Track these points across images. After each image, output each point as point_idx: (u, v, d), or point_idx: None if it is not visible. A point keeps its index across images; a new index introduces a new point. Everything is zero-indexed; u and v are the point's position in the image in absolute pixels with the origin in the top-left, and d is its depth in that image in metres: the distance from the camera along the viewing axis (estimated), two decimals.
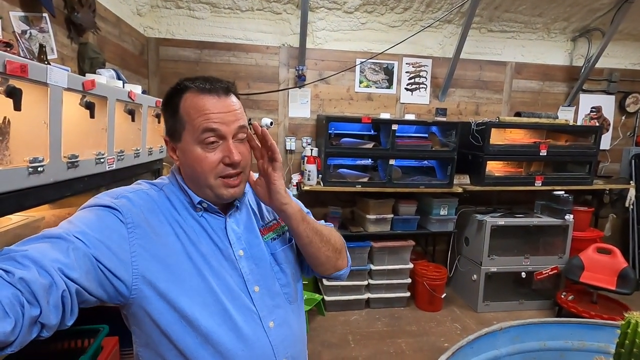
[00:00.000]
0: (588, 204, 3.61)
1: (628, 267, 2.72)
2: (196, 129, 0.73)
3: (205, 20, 2.99)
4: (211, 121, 0.73)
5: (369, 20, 3.17)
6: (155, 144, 1.88)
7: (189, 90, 0.76)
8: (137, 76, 2.76)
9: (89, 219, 0.68)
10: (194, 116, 0.74)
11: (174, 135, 0.78)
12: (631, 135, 3.81)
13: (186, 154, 0.76)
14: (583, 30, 3.42)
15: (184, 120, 0.75)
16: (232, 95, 0.78)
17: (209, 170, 0.74)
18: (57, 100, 0.98)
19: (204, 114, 0.73)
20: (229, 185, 0.77)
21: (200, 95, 0.75)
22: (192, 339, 0.72)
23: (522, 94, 3.59)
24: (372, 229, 2.98)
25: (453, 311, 3.06)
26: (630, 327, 0.77)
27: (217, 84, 0.77)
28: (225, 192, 0.77)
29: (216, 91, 0.76)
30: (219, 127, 0.74)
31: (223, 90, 0.77)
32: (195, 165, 0.75)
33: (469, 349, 0.89)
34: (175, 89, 0.78)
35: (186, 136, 0.75)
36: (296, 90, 3.18)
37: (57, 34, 1.68)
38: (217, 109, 0.74)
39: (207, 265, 0.75)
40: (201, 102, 0.74)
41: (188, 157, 0.76)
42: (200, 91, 0.75)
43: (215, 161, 0.74)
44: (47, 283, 0.55)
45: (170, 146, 0.80)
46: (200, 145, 0.74)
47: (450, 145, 2.99)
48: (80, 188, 1.15)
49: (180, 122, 0.76)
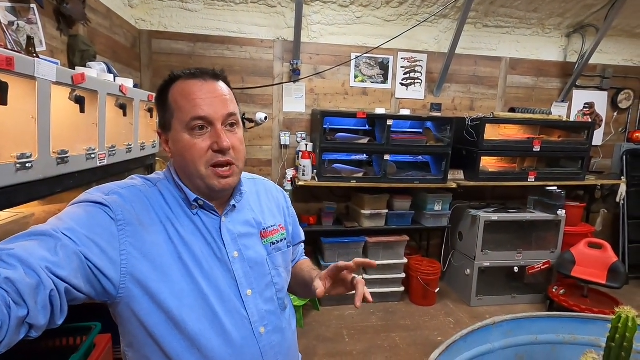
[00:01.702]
0: (580, 199, 3.65)
1: (618, 262, 2.77)
2: (184, 115, 0.72)
3: (198, 13, 2.95)
4: (198, 107, 0.72)
5: (365, 14, 3.14)
6: (148, 139, 1.85)
7: (179, 79, 0.75)
8: (130, 69, 2.71)
9: (78, 215, 0.66)
10: (181, 103, 0.73)
11: (165, 126, 0.77)
12: (623, 131, 3.85)
13: (176, 143, 0.75)
14: (577, 26, 3.43)
15: (172, 108, 0.74)
16: (221, 82, 0.77)
17: (198, 157, 0.72)
18: (46, 94, 0.96)
19: (191, 99, 0.72)
20: (220, 175, 0.74)
21: (188, 81, 0.74)
22: (178, 342, 0.70)
23: (517, 89, 3.60)
24: (367, 224, 2.99)
25: (447, 305, 3.09)
26: (621, 322, 0.78)
27: (205, 69, 0.76)
28: (217, 183, 0.74)
29: (203, 75, 0.75)
30: (206, 112, 0.72)
31: (210, 75, 0.76)
32: (185, 152, 0.73)
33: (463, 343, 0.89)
34: (166, 80, 0.77)
35: (175, 124, 0.74)
36: (291, 84, 3.15)
37: (46, 26, 1.64)
38: (204, 94, 0.73)
39: (198, 266, 0.74)
40: (188, 87, 0.73)
41: (178, 146, 0.74)
42: (187, 77, 0.75)
43: (204, 148, 0.73)
44: (35, 282, 0.53)
45: (163, 138, 0.79)
46: (188, 132, 0.73)
47: (445, 141, 3.00)
48: (71, 184, 1.13)
49: (169, 110, 0.75)
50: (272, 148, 3.23)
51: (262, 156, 3.23)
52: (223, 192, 0.78)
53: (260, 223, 0.86)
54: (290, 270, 0.95)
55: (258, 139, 3.19)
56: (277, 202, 0.95)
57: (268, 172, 3.23)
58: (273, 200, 0.94)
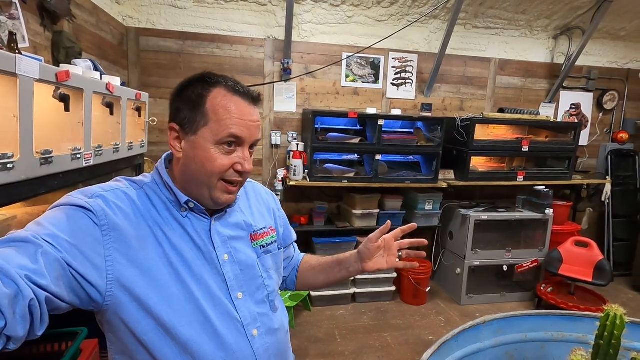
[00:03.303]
0: (567, 198, 3.72)
1: (604, 260, 2.82)
2: (221, 128, 0.71)
3: (187, 10, 2.91)
4: (238, 126, 0.72)
5: (356, 13, 3.14)
6: (136, 139, 1.82)
7: (220, 86, 0.73)
8: (117, 67, 2.66)
9: (59, 219, 0.63)
10: (222, 116, 0.71)
11: (188, 126, 0.73)
12: (608, 131, 3.93)
13: (197, 150, 0.72)
14: (564, 29, 3.49)
15: (208, 116, 0.71)
16: (258, 107, 0.78)
17: (218, 172, 0.73)
18: (28, 92, 0.93)
19: (235, 116, 0.72)
20: (228, 191, 0.75)
21: (234, 96, 0.73)
22: (169, 349, 0.69)
23: (505, 90, 3.64)
24: (359, 224, 2.99)
25: (437, 304, 3.11)
26: (609, 320, 0.79)
27: (249, 89, 0.76)
28: (222, 197, 0.75)
29: (249, 97, 0.75)
30: (243, 134, 0.73)
31: (254, 98, 0.76)
32: (206, 163, 0.72)
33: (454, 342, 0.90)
34: (203, 80, 0.74)
35: (205, 132, 0.72)
36: (282, 84, 3.14)
37: (29, 22, 1.59)
38: (247, 116, 0.73)
39: (188, 269, 0.72)
40: (234, 102, 0.72)
41: (198, 154, 0.72)
42: (233, 91, 0.73)
43: (226, 165, 0.73)
44: (13, 292, 0.50)
45: (176, 135, 0.75)
46: (217, 146, 0.72)
47: (436, 141, 3.02)
48: (55, 185, 1.10)
49: (203, 116, 0.72)
50: (263, 148, 3.21)
51: (253, 156, 3.20)
52: (223, 205, 0.78)
53: (251, 225, 0.85)
54: (282, 272, 0.95)
55: None
56: (267, 204, 0.95)
57: (259, 172, 3.21)
58: (263, 202, 0.94)
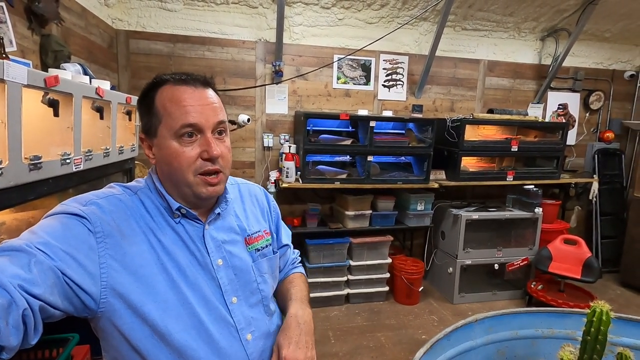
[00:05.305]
0: (555, 197, 3.78)
1: (592, 257, 2.88)
2: (173, 121, 0.70)
3: (178, 13, 2.89)
4: (189, 114, 0.70)
5: (346, 16, 3.16)
6: (127, 143, 1.80)
7: (166, 83, 0.73)
8: (106, 70, 2.63)
9: (53, 228, 0.63)
10: (170, 109, 0.70)
11: (149, 131, 0.74)
12: (595, 131, 4.01)
13: (162, 150, 0.72)
14: (551, 30, 3.56)
15: (160, 114, 0.71)
16: (210, 89, 0.76)
17: (186, 166, 0.71)
18: (16, 97, 0.92)
19: (181, 105, 0.70)
20: (208, 183, 0.74)
21: (177, 87, 0.72)
22: (164, 354, 0.69)
23: (495, 91, 3.70)
24: (351, 225, 3.01)
25: (430, 304, 3.13)
26: (595, 316, 0.81)
27: (195, 76, 0.74)
28: (204, 190, 0.73)
29: (193, 82, 0.73)
30: (197, 120, 0.70)
31: (201, 82, 0.74)
32: (172, 160, 0.71)
33: (446, 341, 0.91)
34: (152, 83, 0.74)
35: (162, 130, 0.71)
36: (273, 86, 3.14)
37: (17, 25, 1.57)
38: (195, 101, 0.71)
39: (182, 275, 0.72)
40: (178, 93, 0.71)
41: (164, 153, 0.72)
42: (177, 82, 0.72)
43: (193, 156, 0.71)
44: (6, 302, 0.50)
45: (147, 144, 0.76)
46: (177, 140, 0.71)
47: (427, 142, 3.05)
48: (45, 191, 1.08)
49: (156, 115, 0.72)
50: (255, 150, 3.20)
51: (245, 158, 3.20)
52: (210, 199, 0.77)
53: (245, 229, 0.85)
54: (277, 275, 0.95)
55: (241, 141, 3.16)
56: (262, 207, 0.94)
57: (251, 174, 3.20)
58: (258, 205, 0.93)
